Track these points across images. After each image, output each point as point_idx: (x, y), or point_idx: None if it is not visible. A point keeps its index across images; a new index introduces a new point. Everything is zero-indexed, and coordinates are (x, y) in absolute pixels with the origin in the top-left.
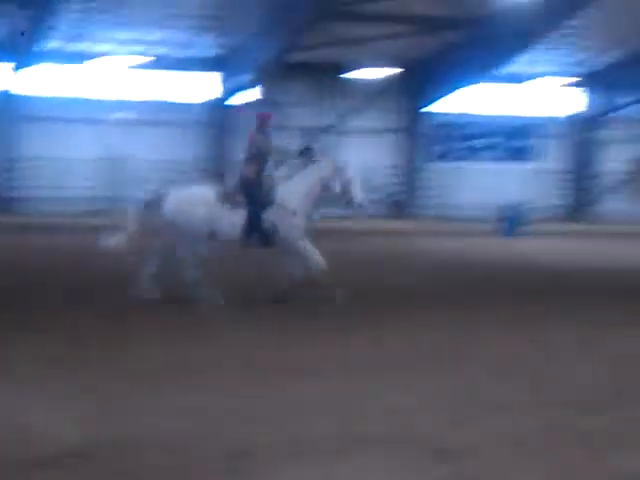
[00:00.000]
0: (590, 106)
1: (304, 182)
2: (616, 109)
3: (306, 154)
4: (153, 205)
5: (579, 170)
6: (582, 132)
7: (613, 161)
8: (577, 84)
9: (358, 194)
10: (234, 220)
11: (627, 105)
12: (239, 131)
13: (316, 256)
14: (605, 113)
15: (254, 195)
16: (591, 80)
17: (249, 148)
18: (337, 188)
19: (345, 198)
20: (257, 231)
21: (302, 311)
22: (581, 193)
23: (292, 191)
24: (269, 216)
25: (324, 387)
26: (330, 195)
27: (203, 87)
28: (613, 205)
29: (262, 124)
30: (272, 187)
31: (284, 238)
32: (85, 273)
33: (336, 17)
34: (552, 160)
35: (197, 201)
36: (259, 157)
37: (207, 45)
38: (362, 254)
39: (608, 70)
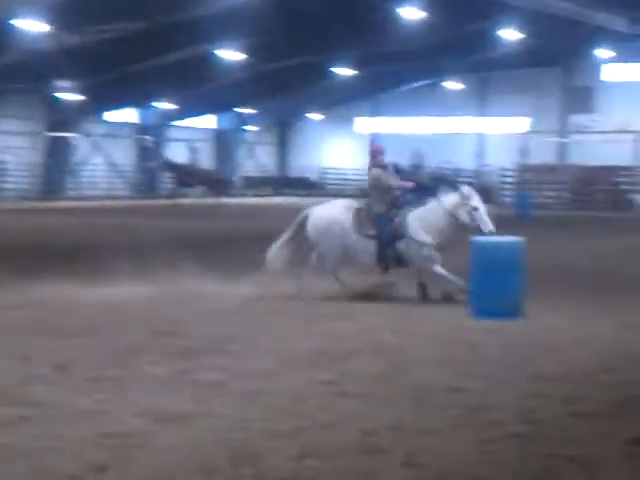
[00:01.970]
0: None
1: (432, 214)
2: None
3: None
4: (302, 223)
5: None
6: None
7: None
8: None
9: (486, 222)
10: (367, 247)
11: None
12: None
13: (452, 277)
14: None
15: (384, 228)
16: None
17: (370, 182)
18: (465, 218)
19: (474, 226)
20: (389, 259)
21: None
22: None
23: (420, 224)
24: (401, 248)
25: None
26: (461, 225)
27: None
28: None
29: (375, 156)
30: (403, 220)
31: (418, 267)
32: None
33: None
34: None
35: (333, 222)
36: (381, 191)
37: None
38: None
39: None
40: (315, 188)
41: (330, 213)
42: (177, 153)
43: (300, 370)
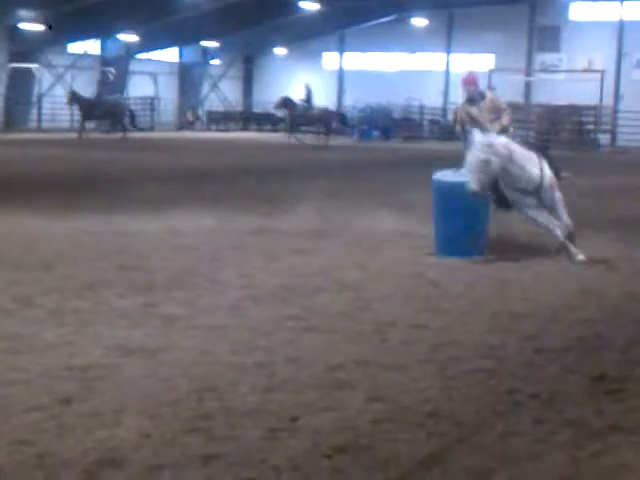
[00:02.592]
0: None
1: None
2: None
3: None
4: None
5: None
6: None
7: None
8: None
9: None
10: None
11: None
12: None
13: (551, 226)
14: None
15: None
16: None
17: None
18: None
19: None
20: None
21: None
22: None
23: None
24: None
25: None
26: None
27: None
28: None
29: (463, 87)
30: None
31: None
32: None
33: None
34: None
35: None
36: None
37: None
38: None
39: None
40: (280, 123)
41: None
42: (140, 86)
43: (265, 305)
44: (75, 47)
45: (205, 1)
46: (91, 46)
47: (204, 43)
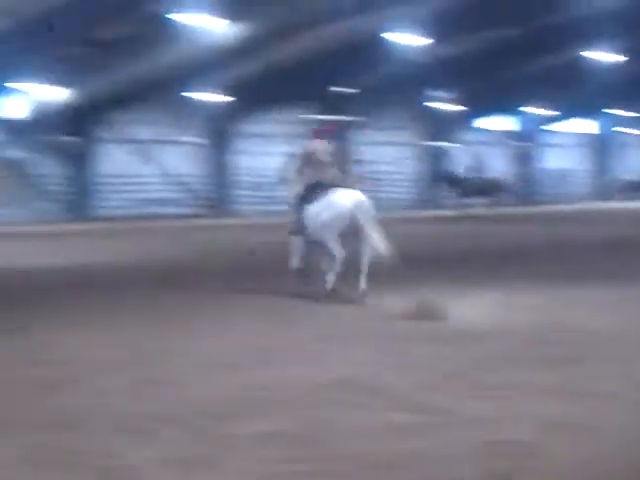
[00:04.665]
0: None
1: None
2: None
3: None
4: None
5: None
6: None
7: None
8: None
9: None
10: None
11: None
12: None
13: None
14: None
15: None
16: None
17: None
18: None
19: None
20: None
21: None
22: None
23: None
24: None
25: None
26: None
27: None
28: None
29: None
30: None
31: None
32: None
33: None
34: None
35: None
36: None
37: None
38: None
39: None
40: None
41: None
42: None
43: None
44: (482, 123)
45: (614, 69)
46: (496, 122)
47: (611, 111)
